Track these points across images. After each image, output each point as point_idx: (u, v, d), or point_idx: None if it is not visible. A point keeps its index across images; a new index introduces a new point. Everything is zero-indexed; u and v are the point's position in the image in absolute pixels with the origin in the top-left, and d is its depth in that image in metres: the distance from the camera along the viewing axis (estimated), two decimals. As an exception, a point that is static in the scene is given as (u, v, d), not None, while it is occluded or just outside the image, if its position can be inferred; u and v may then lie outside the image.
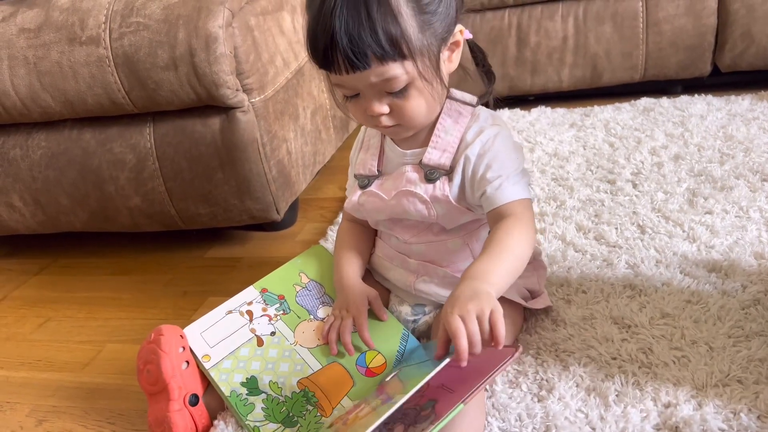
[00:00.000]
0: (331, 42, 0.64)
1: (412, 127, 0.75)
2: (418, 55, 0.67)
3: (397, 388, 0.67)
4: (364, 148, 0.85)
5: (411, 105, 0.71)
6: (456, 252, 0.81)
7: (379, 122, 0.72)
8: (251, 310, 0.86)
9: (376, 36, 0.64)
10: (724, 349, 0.76)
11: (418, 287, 0.84)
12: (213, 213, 1.21)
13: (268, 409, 0.76)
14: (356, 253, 0.88)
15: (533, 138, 1.47)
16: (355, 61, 0.65)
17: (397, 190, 0.78)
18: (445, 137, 0.76)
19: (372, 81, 0.67)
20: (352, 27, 0.63)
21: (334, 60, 0.66)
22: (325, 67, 0.68)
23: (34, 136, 1.21)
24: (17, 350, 1.09)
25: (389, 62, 0.66)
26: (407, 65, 0.67)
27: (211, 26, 1.03)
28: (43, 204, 1.26)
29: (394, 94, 0.69)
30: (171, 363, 0.78)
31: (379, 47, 0.64)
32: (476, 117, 0.77)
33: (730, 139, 1.31)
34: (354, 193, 0.84)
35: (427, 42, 0.68)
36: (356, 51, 0.64)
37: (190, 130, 1.14)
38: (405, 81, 0.68)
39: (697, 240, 0.99)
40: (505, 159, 0.74)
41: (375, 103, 0.70)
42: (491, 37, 1.64)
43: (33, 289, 1.29)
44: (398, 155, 0.80)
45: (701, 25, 1.53)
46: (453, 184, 0.75)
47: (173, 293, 1.18)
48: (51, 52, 1.09)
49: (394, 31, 0.64)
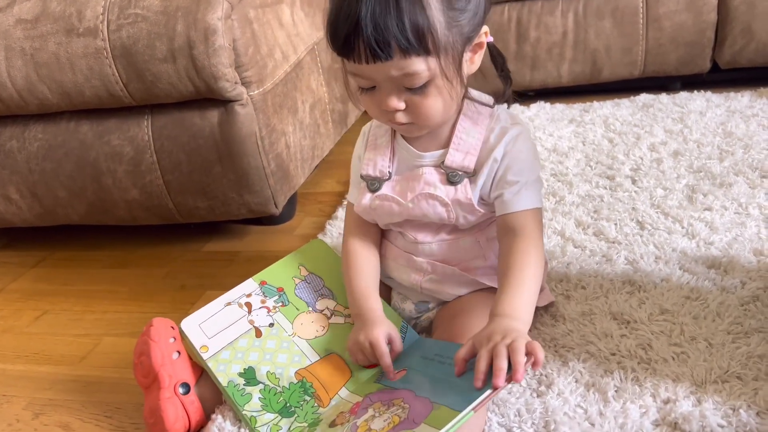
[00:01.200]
0: (355, 28, 0.62)
1: (426, 126, 0.73)
2: (442, 52, 0.65)
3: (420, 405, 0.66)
4: (370, 147, 0.82)
5: (428, 103, 0.69)
6: (467, 250, 0.80)
7: (393, 118, 0.70)
8: (250, 302, 0.85)
9: (402, 26, 0.62)
10: (723, 345, 0.76)
11: (425, 286, 0.83)
12: (211, 206, 1.21)
13: (265, 399, 0.76)
14: (372, 276, 0.83)
15: (532, 133, 1.46)
16: (377, 51, 0.63)
17: (416, 193, 0.76)
18: (467, 139, 0.75)
19: (392, 74, 0.65)
20: (378, 14, 0.61)
21: (355, 47, 0.64)
22: (344, 55, 0.66)
23: (31, 128, 1.20)
24: (14, 343, 1.09)
25: (412, 56, 0.64)
26: (430, 61, 0.65)
27: (210, 18, 1.02)
28: (40, 196, 1.25)
29: (412, 90, 0.67)
30: (161, 351, 0.78)
31: (404, 38, 0.62)
32: (496, 118, 0.76)
33: (729, 136, 1.31)
34: (363, 195, 0.81)
35: (453, 40, 0.66)
36: (380, 40, 0.62)
37: (188, 123, 1.13)
38: (426, 78, 0.66)
39: (697, 236, 0.99)
40: (525, 163, 0.73)
41: (392, 97, 0.68)
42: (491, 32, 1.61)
43: (30, 281, 1.29)
44: (413, 156, 0.78)
45: (701, 21, 1.53)
46: (477, 186, 0.74)
47: (171, 287, 1.18)
48: (48, 43, 1.08)
49: (422, 23, 0.62)
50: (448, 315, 0.81)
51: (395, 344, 0.77)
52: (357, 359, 0.79)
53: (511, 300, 0.67)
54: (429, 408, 0.63)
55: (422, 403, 0.64)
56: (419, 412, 0.63)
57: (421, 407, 0.64)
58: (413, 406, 0.65)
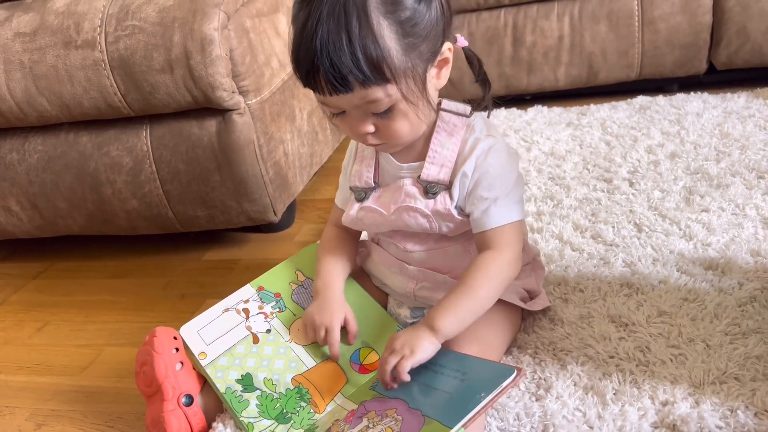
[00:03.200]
0: (312, 65, 0.64)
1: (397, 145, 0.75)
2: (401, 78, 0.66)
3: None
4: (358, 159, 0.84)
5: (395, 125, 0.70)
6: (456, 257, 0.81)
7: (365, 140, 0.73)
8: (247, 308, 0.86)
9: (357, 61, 0.63)
10: (721, 346, 0.77)
11: (418, 294, 0.83)
12: (210, 215, 1.21)
13: (262, 405, 0.77)
14: (341, 262, 0.87)
15: (530, 137, 1.47)
16: (336, 85, 0.64)
17: (397, 205, 0.77)
18: (442, 151, 0.76)
19: (355, 103, 0.67)
20: (333, 51, 0.63)
21: (316, 82, 0.66)
22: (308, 87, 0.68)
23: (31, 140, 1.21)
24: (16, 354, 1.09)
25: (371, 86, 0.65)
26: (390, 88, 0.66)
27: (207, 29, 1.03)
28: (40, 208, 1.26)
29: (378, 115, 0.69)
30: (164, 363, 0.78)
31: (360, 72, 0.64)
32: (471, 128, 0.76)
33: (726, 137, 1.31)
34: (351, 206, 0.83)
35: (412, 64, 0.67)
36: (337, 76, 0.64)
37: (186, 132, 1.14)
38: (388, 103, 0.67)
39: (694, 238, 0.99)
40: (496, 178, 0.74)
41: (360, 123, 0.70)
42: (487, 36, 1.64)
43: (31, 293, 1.29)
44: (395, 168, 0.79)
45: (696, 23, 1.54)
46: (453, 197, 0.75)
47: (171, 296, 1.18)
48: (47, 56, 1.09)
49: (376, 55, 0.63)
50: None
51: (350, 326, 0.82)
52: (308, 336, 0.82)
53: (443, 314, 0.71)
54: (421, 422, 0.64)
55: (415, 417, 0.65)
56: (412, 426, 0.64)
57: (414, 421, 0.65)
58: (406, 419, 0.66)
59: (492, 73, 1.67)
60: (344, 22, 0.62)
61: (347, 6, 0.63)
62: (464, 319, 0.72)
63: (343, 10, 0.63)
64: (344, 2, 0.63)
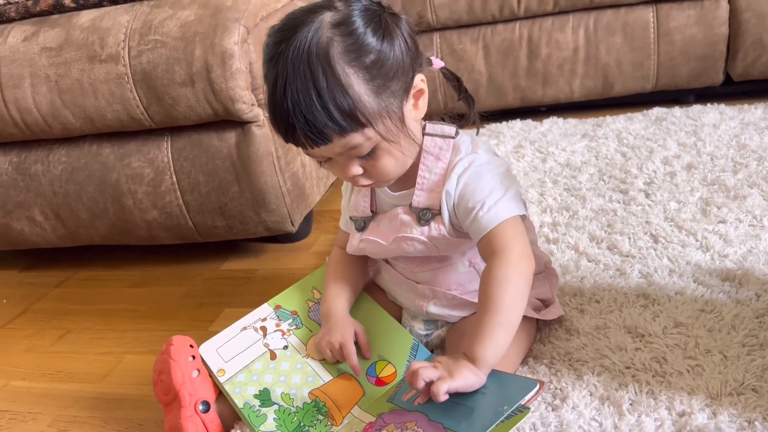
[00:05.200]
0: (288, 123, 0.65)
1: (387, 181, 0.75)
2: (377, 120, 0.67)
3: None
4: (355, 189, 0.84)
5: (381, 164, 0.71)
6: (463, 274, 0.81)
7: (357, 181, 0.73)
8: (265, 326, 0.87)
9: (330, 114, 0.64)
10: (738, 357, 0.76)
11: (429, 311, 0.84)
12: (229, 225, 1.23)
13: (279, 419, 0.77)
14: (347, 286, 0.87)
15: (545, 148, 1.47)
16: (315, 139, 0.65)
17: (395, 236, 0.78)
18: (430, 177, 0.76)
19: (337, 151, 0.68)
20: (305, 109, 0.63)
21: (296, 138, 0.67)
22: (289, 143, 0.69)
23: (55, 152, 1.24)
24: (38, 362, 1.11)
25: (349, 134, 0.66)
26: (368, 132, 0.67)
27: (227, 43, 1.05)
28: (63, 218, 1.28)
29: (363, 157, 0.70)
30: (181, 371, 0.79)
31: (334, 124, 0.64)
32: (457, 149, 0.76)
33: (743, 148, 1.31)
34: (353, 236, 0.84)
35: (386, 104, 0.67)
36: (314, 130, 0.64)
37: (206, 144, 1.16)
38: (369, 146, 0.68)
39: (711, 249, 0.99)
40: (477, 185, 0.73)
41: (347, 167, 0.71)
42: (502, 48, 1.65)
43: (53, 301, 1.32)
44: (389, 196, 0.80)
45: (712, 34, 1.54)
46: (444, 220, 0.75)
47: (190, 305, 1.20)
48: (72, 70, 1.12)
49: (347, 105, 0.64)
50: (458, 333, 0.82)
51: (362, 339, 0.83)
52: (327, 357, 0.83)
53: (481, 343, 0.68)
54: None
55: (435, 429, 0.65)
56: None
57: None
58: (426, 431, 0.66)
59: (507, 85, 1.68)
60: (311, 78, 0.63)
61: (311, 62, 0.63)
62: (502, 343, 0.69)
63: (308, 67, 0.63)
64: (307, 59, 0.63)
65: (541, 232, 1.13)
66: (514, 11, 1.61)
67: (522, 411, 0.64)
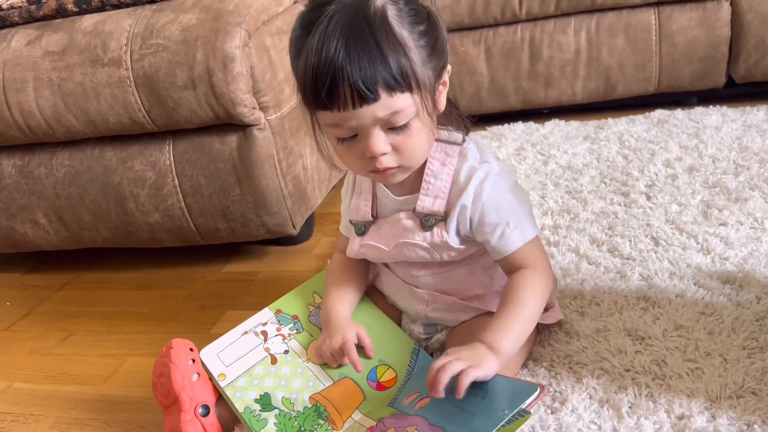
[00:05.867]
0: (341, 74, 0.62)
1: (412, 166, 0.72)
2: (422, 88, 0.66)
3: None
4: (356, 193, 0.84)
5: (413, 141, 0.69)
6: (462, 280, 0.81)
7: (378, 163, 0.69)
8: (266, 330, 0.87)
9: (387, 65, 0.63)
10: (738, 360, 0.76)
11: (429, 315, 0.84)
12: (231, 228, 1.23)
13: (280, 423, 0.78)
14: (348, 291, 0.87)
15: (547, 151, 1.47)
16: (365, 92, 0.63)
17: (396, 241, 0.77)
18: (435, 182, 0.75)
19: (378, 115, 0.65)
20: (362, 57, 0.62)
21: (340, 93, 0.63)
22: (327, 105, 0.65)
23: (58, 155, 1.25)
24: (41, 364, 1.12)
25: (398, 93, 0.64)
26: (413, 98, 0.66)
27: (229, 47, 1.06)
28: (66, 221, 1.29)
29: (395, 131, 0.67)
30: (180, 374, 0.80)
31: (390, 76, 0.63)
32: (464, 156, 0.75)
33: (745, 150, 1.30)
34: (353, 241, 0.84)
35: (428, 76, 0.67)
36: (367, 81, 0.62)
37: (208, 147, 1.16)
38: (410, 114, 0.66)
39: (712, 252, 0.99)
40: (501, 202, 0.73)
41: (377, 141, 0.67)
42: (504, 51, 1.65)
43: (56, 304, 1.33)
44: (391, 201, 0.79)
45: (714, 36, 1.54)
46: (450, 229, 0.74)
47: (192, 307, 1.21)
48: (74, 73, 1.13)
49: (404, 61, 0.64)
50: (459, 337, 0.82)
51: (364, 341, 0.82)
52: (329, 362, 0.83)
53: (501, 335, 0.70)
54: None
55: None
56: None
57: None
58: None
59: (509, 87, 1.68)
60: (369, 32, 0.62)
61: (368, 18, 0.63)
62: (519, 339, 0.72)
63: (365, 21, 0.63)
64: (364, 15, 0.63)
65: (542, 235, 1.13)
66: (515, 14, 1.61)
67: (523, 416, 0.64)
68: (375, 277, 0.93)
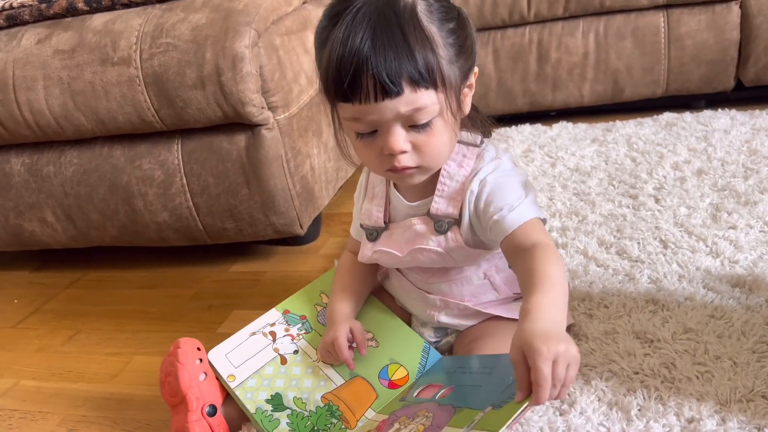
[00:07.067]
0: (365, 65, 0.61)
1: (432, 167, 0.71)
2: (447, 86, 0.64)
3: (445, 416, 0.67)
4: (368, 197, 0.83)
5: (435, 141, 0.67)
6: (477, 285, 0.81)
7: (395, 162, 0.67)
8: (274, 330, 0.87)
9: (413, 59, 0.61)
10: (748, 364, 0.76)
11: (441, 320, 0.84)
12: (238, 228, 1.23)
13: (293, 423, 0.78)
14: (354, 293, 0.87)
15: (555, 153, 1.47)
16: (389, 85, 0.61)
17: (410, 248, 0.76)
18: (451, 184, 0.74)
19: (401, 110, 0.63)
20: (387, 49, 0.61)
21: (363, 85, 0.62)
22: (349, 96, 0.63)
23: (67, 154, 1.25)
24: (48, 361, 1.12)
25: (422, 89, 0.63)
26: (438, 95, 0.64)
27: (238, 46, 1.06)
28: (74, 219, 1.29)
29: (417, 129, 0.66)
30: (188, 374, 0.79)
31: (415, 71, 0.61)
32: (481, 158, 0.74)
33: (754, 154, 1.30)
34: (365, 246, 0.83)
35: (454, 75, 0.66)
36: (392, 73, 0.61)
37: (216, 146, 1.17)
38: (434, 112, 0.65)
39: (721, 255, 0.98)
40: (506, 186, 0.71)
41: (397, 138, 0.65)
42: (512, 53, 1.65)
43: (64, 302, 1.33)
44: (405, 206, 0.78)
45: (724, 39, 1.53)
46: (463, 228, 0.73)
47: (199, 307, 1.21)
48: (84, 72, 1.13)
49: (430, 56, 0.62)
50: (468, 339, 0.82)
51: (357, 337, 0.81)
52: (327, 360, 0.83)
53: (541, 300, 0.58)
54: (452, 412, 0.64)
55: (445, 410, 0.66)
56: (442, 417, 0.64)
57: (445, 413, 0.65)
58: (437, 414, 0.66)
59: (517, 89, 1.68)
60: (397, 24, 0.61)
61: (396, 10, 0.62)
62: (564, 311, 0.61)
63: (394, 13, 0.62)
64: (393, 7, 0.62)
65: (550, 237, 1.12)
66: (524, 16, 1.61)
67: None
68: (384, 278, 0.92)
